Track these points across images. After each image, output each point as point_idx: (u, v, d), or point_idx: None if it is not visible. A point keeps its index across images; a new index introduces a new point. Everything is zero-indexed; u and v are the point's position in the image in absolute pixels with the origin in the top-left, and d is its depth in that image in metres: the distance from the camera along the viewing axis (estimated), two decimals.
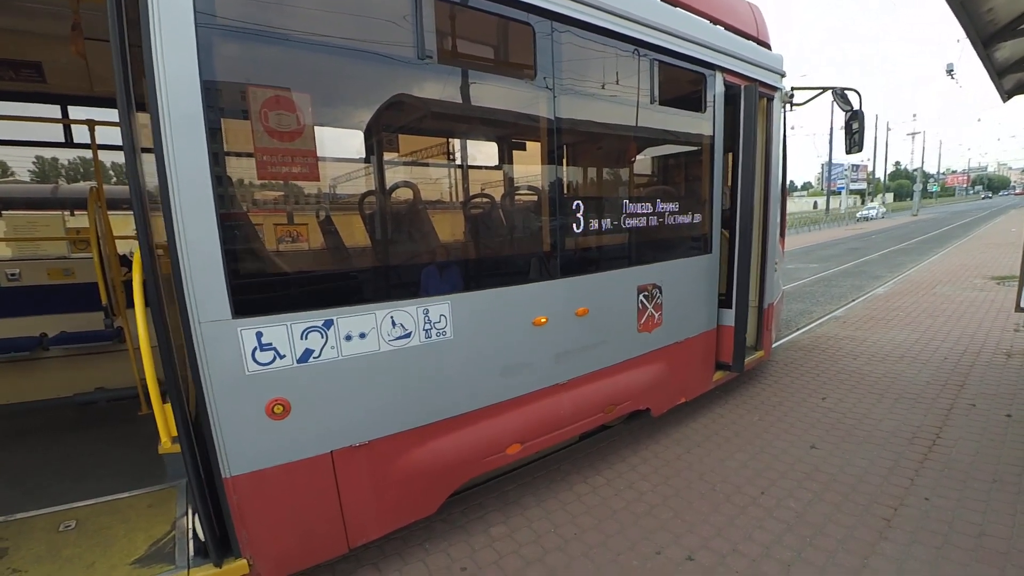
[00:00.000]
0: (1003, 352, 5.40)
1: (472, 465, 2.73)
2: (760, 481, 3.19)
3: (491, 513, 3.00)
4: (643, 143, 4.06)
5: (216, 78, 1.84)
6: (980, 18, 3.75)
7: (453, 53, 2.79)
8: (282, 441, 2.10)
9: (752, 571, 2.43)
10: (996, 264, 11.76)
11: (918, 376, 4.83)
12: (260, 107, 1.96)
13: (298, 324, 2.05)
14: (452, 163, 3.98)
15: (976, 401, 4.18)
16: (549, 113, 2.83)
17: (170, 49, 1.71)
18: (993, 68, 4.83)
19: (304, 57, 2.13)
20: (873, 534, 2.64)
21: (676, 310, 3.72)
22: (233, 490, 2.02)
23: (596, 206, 3.23)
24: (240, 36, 1.93)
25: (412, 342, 2.38)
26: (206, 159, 1.79)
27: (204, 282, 1.85)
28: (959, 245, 16.95)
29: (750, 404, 4.42)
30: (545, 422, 3.00)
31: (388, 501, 2.45)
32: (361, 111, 2.78)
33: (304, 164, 2.11)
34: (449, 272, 2.66)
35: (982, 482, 3.03)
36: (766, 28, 4.57)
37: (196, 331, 1.85)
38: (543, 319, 2.86)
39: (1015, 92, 5.73)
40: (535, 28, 2.68)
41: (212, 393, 1.91)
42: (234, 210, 2.02)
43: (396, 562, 2.62)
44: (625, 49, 3.17)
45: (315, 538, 2.26)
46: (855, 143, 4.87)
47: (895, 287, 9.68)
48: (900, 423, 3.87)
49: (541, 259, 2.94)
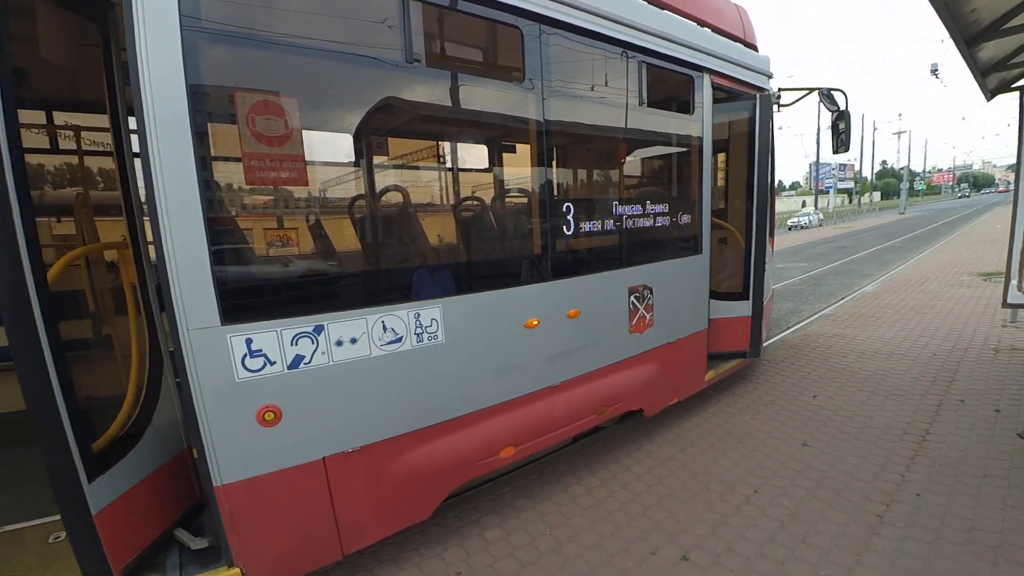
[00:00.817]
0: (991, 348, 5.46)
1: (466, 468, 2.72)
2: (753, 479, 3.20)
3: (486, 516, 2.99)
4: (631, 145, 4.08)
5: (202, 82, 1.83)
6: (963, 18, 3.79)
7: (442, 56, 2.79)
8: (274, 448, 2.08)
9: (747, 569, 2.43)
10: (982, 261, 11.90)
11: (907, 373, 4.88)
12: (247, 111, 1.95)
13: (288, 330, 2.04)
14: (442, 166, 3.98)
15: (965, 397, 4.23)
16: (538, 116, 2.83)
17: (155, 53, 1.70)
18: (977, 67, 4.90)
19: (291, 61, 2.12)
20: (866, 530, 2.65)
21: (667, 311, 3.73)
22: (224, 498, 2.00)
23: (586, 208, 3.23)
24: (226, 39, 1.92)
25: (404, 346, 2.37)
26: (192, 164, 1.78)
27: (192, 289, 1.83)
28: (946, 242, 17.14)
29: (742, 403, 4.44)
30: (539, 424, 3.00)
31: (382, 506, 2.43)
32: (350, 115, 2.77)
33: (292, 168, 2.10)
34: (440, 275, 2.65)
35: (972, 477, 3.06)
36: (752, 30, 4.61)
37: (184, 338, 1.84)
38: (535, 321, 2.86)
39: (998, 91, 5.80)
40: (523, 31, 2.69)
41: (202, 401, 1.89)
42: (222, 215, 2.01)
43: (391, 568, 2.60)
44: (613, 52, 3.18)
45: (309, 545, 2.25)
46: (842, 143, 4.92)
47: (883, 285, 9.77)
48: (891, 419, 3.91)
49: (532, 261, 2.94)
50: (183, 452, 2.44)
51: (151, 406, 2.27)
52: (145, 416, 2.24)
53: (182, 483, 2.45)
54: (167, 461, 2.33)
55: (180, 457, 2.42)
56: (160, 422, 2.29)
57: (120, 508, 2.01)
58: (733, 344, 4.62)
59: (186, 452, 2.45)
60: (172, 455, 2.37)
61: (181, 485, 2.44)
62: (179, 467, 2.42)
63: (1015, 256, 5.12)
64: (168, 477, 2.33)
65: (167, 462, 2.33)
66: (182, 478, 2.44)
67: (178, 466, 2.41)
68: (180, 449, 2.43)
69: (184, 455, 2.44)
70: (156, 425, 2.27)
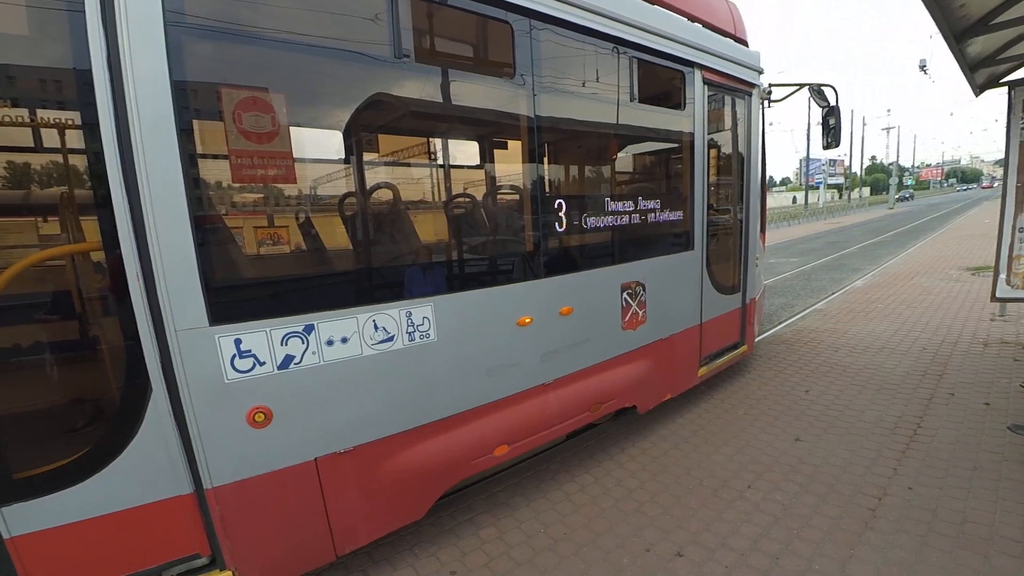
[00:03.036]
0: (980, 342, 5.50)
1: (460, 468, 2.71)
2: (746, 475, 3.21)
3: (480, 515, 2.98)
4: (623, 141, 4.08)
5: (187, 78, 1.79)
6: (952, 13, 3.80)
7: (431, 52, 2.76)
8: (265, 449, 2.06)
9: (741, 565, 2.44)
10: (971, 255, 12.01)
11: (898, 367, 4.91)
12: (233, 108, 1.92)
13: (278, 330, 2.01)
14: (433, 163, 3.95)
15: (955, 390, 4.26)
16: (529, 112, 2.81)
17: (138, 49, 1.66)
18: (965, 63, 4.92)
19: (278, 56, 2.09)
20: (859, 524, 2.66)
21: (660, 307, 3.73)
22: (215, 501, 1.98)
23: (578, 204, 3.22)
24: (211, 35, 1.89)
25: (395, 345, 2.35)
26: (178, 162, 1.75)
27: (179, 289, 1.80)
28: (935, 237, 17.28)
29: (735, 398, 4.45)
30: (532, 422, 2.99)
31: (375, 507, 2.41)
32: (338, 111, 2.74)
33: (280, 166, 2.07)
34: (431, 274, 2.63)
35: (963, 470, 3.08)
36: (743, 26, 4.61)
37: (172, 340, 1.81)
38: (527, 319, 2.85)
39: (987, 86, 5.83)
40: (513, 26, 2.67)
41: (191, 403, 1.87)
42: (209, 214, 1.97)
43: (385, 568, 2.58)
44: (603, 47, 3.16)
45: (302, 547, 2.23)
46: (832, 138, 4.94)
47: (874, 279, 9.84)
48: (882, 413, 3.93)
49: (524, 258, 2.92)
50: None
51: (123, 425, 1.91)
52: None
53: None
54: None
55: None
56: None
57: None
58: (725, 339, 4.64)
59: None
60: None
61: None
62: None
63: (1004, 251, 5.16)
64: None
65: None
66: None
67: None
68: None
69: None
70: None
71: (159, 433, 1.85)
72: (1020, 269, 5.10)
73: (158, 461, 1.88)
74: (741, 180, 4.69)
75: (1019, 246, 5.08)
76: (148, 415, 1.83)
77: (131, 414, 1.83)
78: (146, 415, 1.83)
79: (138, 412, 1.83)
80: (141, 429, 1.83)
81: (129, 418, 1.84)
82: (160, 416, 1.85)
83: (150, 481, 1.88)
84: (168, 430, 1.87)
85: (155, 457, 1.87)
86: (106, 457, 1.81)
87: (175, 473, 1.91)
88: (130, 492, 1.85)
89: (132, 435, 1.83)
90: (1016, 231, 5.07)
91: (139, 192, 1.70)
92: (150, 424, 1.84)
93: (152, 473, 1.88)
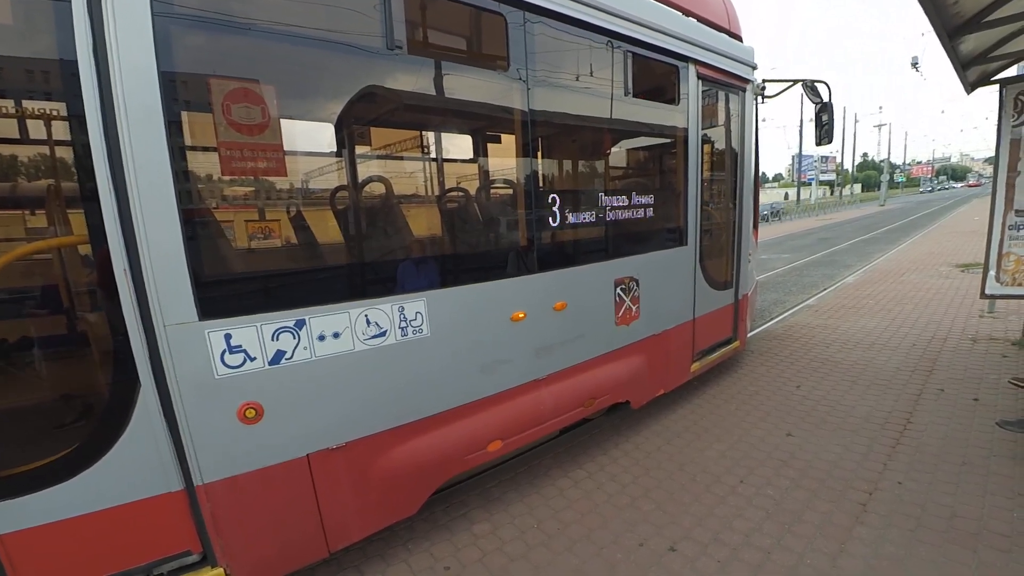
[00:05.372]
0: (969, 338, 5.55)
1: (453, 463, 2.70)
2: (739, 470, 3.22)
3: (474, 511, 2.97)
4: (616, 136, 4.06)
5: (175, 69, 1.76)
6: (946, 11, 3.81)
7: (423, 44, 2.73)
8: (256, 446, 2.04)
9: (733, 559, 2.45)
10: (960, 252, 12.11)
11: (888, 362, 4.94)
12: (222, 99, 1.88)
13: (268, 325, 1.99)
14: (425, 157, 3.92)
15: (944, 386, 4.29)
16: (523, 105, 2.79)
17: (125, 39, 1.63)
18: (958, 60, 4.93)
19: (268, 47, 2.06)
20: (849, 519, 2.68)
21: (653, 303, 3.73)
22: (206, 497, 1.96)
23: (571, 199, 3.21)
24: (200, 25, 1.85)
25: (388, 340, 2.33)
26: (166, 154, 1.72)
27: (168, 283, 1.78)
28: (925, 234, 17.42)
29: (727, 394, 4.46)
30: (525, 417, 2.98)
31: (368, 502, 2.40)
32: (329, 103, 2.70)
33: (271, 159, 2.04)
34: (424, 268, 2.61)
35: (952, 465, 3.11)
36: (738, 21, 4.60)
37: (161, 335, 1.78)
38: (521, 314, 2.84)
39: (979, 84, 5.85)
40: (507, 18, 2.64)
41: (180, 399, 1.84)
42: (198, 207, 1.95)
43: (378, 563, 2.57)
44: (597, 40, 3.15)
45: (294, 543, 2.21)
46: (825, 134, 4.94)
47: (865, 276, 9.90)
48: (872, 409, 3.95)
49: (518, 253, 2.91)
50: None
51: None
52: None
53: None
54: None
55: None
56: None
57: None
58: (718, 335, 4.65)
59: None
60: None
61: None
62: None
63: (993, 248, 5.20)
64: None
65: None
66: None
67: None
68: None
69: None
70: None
71: (148, 429, 1.83)
72: (1009, 266, 5.13)
73: (148, 457, 1.86)
74: (734, 176, 4.69)
75: (1009, 243, 5.12)
76: (137, 411, 1.81)
77: (119, 410, 1.81)
78: (135, 411, 1.81)
79: (127, 408, 1.80)
80: (130, 425, 1.81)
81: (117, 414, 1.81)
82: (149, 412, 1.82)
83: (140, 478, 1.86)
84: (157, 426, 1.85)
85: (144, 453, 1.85)
86: (94, 453, 1.79)
87: (165, 470, 1.89)
88: (119, 489, 1.84)
89: (121, 431, 1.80)
90: (1006, 228, 5.11)
91: (127, 185, 1.67)
92: (139, 420, 1.82)
93: (142, 469, 1.86)
